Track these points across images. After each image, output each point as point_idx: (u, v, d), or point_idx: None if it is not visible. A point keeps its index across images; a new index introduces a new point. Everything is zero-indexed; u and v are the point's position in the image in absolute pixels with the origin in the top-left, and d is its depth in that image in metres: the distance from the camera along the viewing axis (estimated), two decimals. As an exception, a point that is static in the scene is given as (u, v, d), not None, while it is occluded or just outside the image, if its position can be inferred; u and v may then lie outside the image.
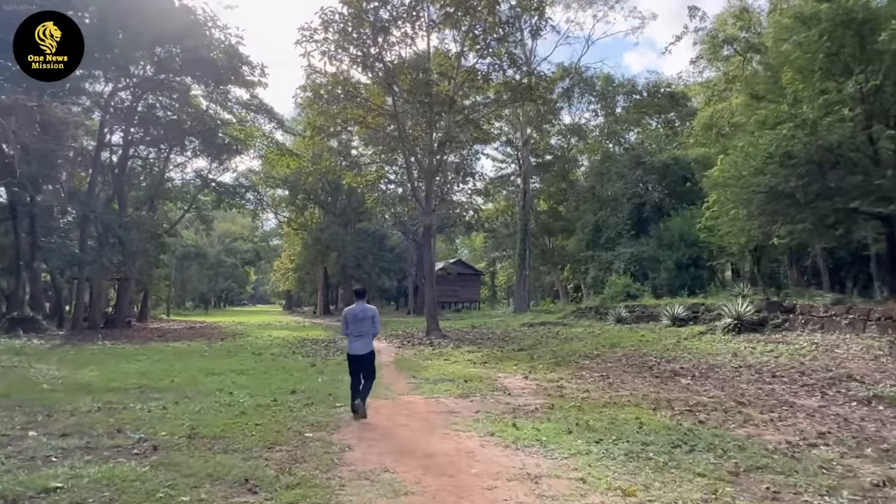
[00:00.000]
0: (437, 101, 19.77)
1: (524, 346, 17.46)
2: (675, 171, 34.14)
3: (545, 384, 10.71)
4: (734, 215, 17.26)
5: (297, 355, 16.83)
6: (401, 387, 10.71)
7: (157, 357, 16.13)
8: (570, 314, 26.65)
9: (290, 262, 61.47)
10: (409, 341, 21.15)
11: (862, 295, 19.52)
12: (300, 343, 21.17)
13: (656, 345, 15.15)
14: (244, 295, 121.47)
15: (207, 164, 37.40)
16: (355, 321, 7.98)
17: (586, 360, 13.70)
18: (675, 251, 30.13)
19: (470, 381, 11.21)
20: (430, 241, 22.57)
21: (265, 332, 27.18)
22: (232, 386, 10.62)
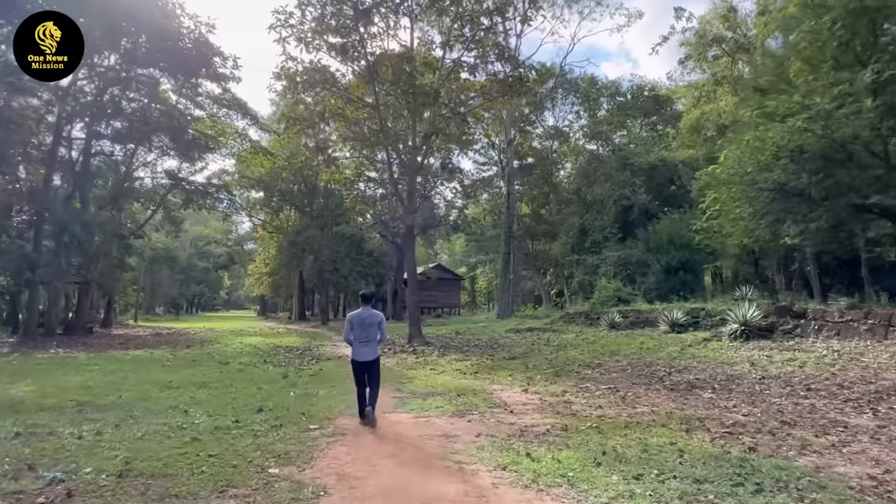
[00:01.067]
0: (422, 93, 18.50)
1: (516, 354, 16.21)
2: (662, 172, 33.37)
3: (549, 398, 9.45)
4: (739, 214, 16.29)
5: (268, 365, 15.35)
6: (385, 402, 9.35)
7: (111, 367, 14.53)
8: (559, 320, 25.50)
9: (265, 266, 59.57)
10: (391, 348, 19.76)
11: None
12: (272, 351, 19.66)
13: (660, 352, 14.01)
14: (218, 300, 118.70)
15: (178, 164, 35.70)
16: (362, 326, 7.63)
17: (588, 370, 12.49)
18: (664, 255, 29.23)
19: (463, 394, 9.91)
20: (412, 242, 21.24)
21: (236, 339, 25.53)
22: (189, 402, 9.16)
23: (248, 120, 33.61)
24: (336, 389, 10.62)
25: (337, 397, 9.71)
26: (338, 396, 9.79)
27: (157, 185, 37.29)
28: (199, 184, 35.23)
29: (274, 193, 44.73)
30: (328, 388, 10.85)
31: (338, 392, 10.29)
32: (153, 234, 54.65)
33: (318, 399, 9.54)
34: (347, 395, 9.53)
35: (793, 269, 31.53)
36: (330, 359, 17.04)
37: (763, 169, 14.70)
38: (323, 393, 10.18)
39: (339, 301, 62.68)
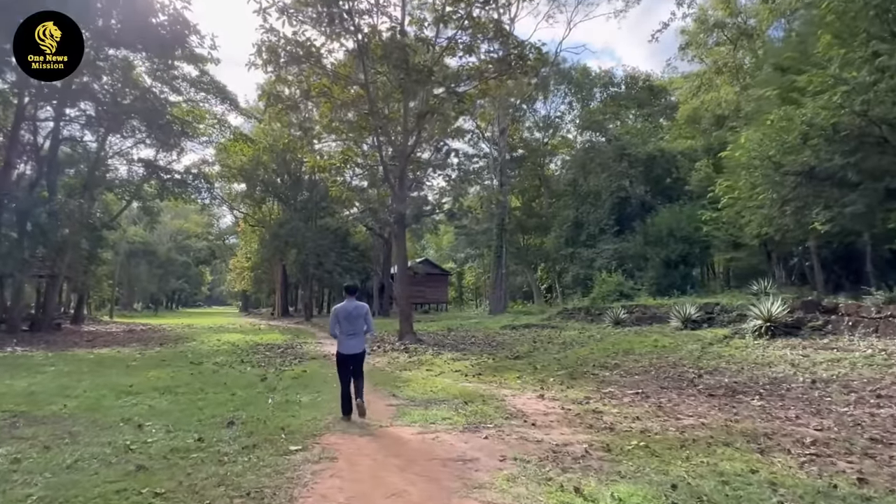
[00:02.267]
0: (415, 70, 17.03)
1: (519, 352, 14.84)
2: (660, 163, 32.22)
3: (571, 406, 8.11)
4: (761, 201, 15.05)
5: (245, 365, 13.84)
6: (380, 411, 7.95)
7: (67, 368, 12.95)
8: (556, 315, 24.21)
9: (247, 260, 57.69)
10: (380, 346, 18.35)
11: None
12: (252, 349, 18.15)
13: (678, 351, 12.75)
14: (199, 296, 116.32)
15: (154, 152, 33.83)
16: (348, 319, 7.46)
17: (604, 371, 11.17)
18: (663, 248, 28.11)
19: (470, 401, 8.53)
20: (402, 231, 19.78)
21: (213, 337, 23.94)
22: (146, 413, 7.69)
23: (227, 105, 31.82)
24: (322, 395, 9.19)
25: (323, 406, 8.28)
26: (324, 405, 8.37)
27: (132, 175, 35.38)
28: (176, 172, 33.39)
29: (256, 184, 42.91)
30: (312, 393, 9.41)
31: (324, 399, 8.86)
32: (130, 228, 52.61)
33: (301, 408, 8.10)
34: (335, 403, 8.13)
35: (792, 264, 30.62)
36: (314, 358, 15.57)
37: (789, 151, 13.49)
38: (306, 400, 8.74)
39: (322, 296, 61.01)
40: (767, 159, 14.09)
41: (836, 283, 24.51)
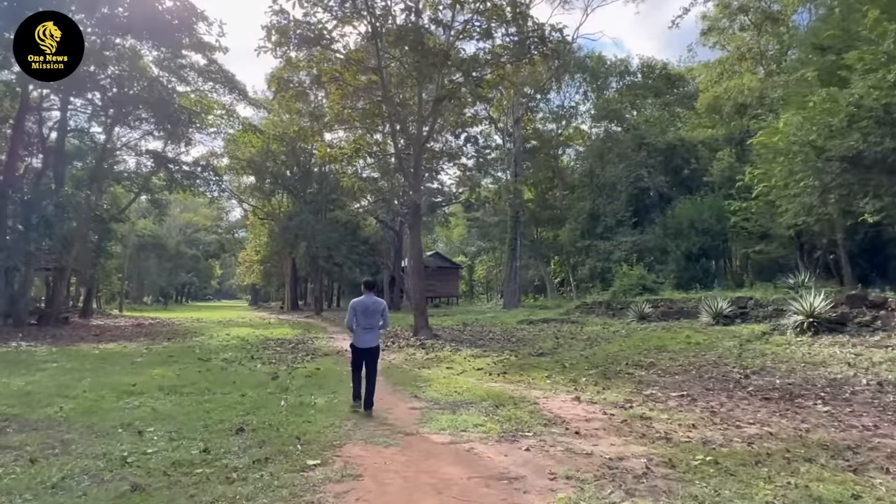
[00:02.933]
0: (431, 53, 16.23)
1: (543, 349, 14.08)
2: (680, 153, 31.26)
3: (614, 411, 7.36)
4: (802, 188, 14.15)
5: (255, 361, 13.19)
6: (403, 416, 7.25)
7: (70, 365, 12.34)
8: (575, 310, 23.43)
9: (256, 253, 57.14)
10: (395, 341, 17.67)
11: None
12: (262, 344, 17.52)
13: (715, 349, 11.96)
14: (209, 290, 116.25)
15: (162, 145, 33.27)
16: (366, 314, 7.49)
17: (641, 371, 10.41)
18: (684, 240, 27.20)
19: (501, 404, 7.81)
20: (417, 222, 19.02)
21: (223, 331, 23.37)
22: (148, 417, 7.03)
23: (235, 95, 31.12)
24: (338, 396, 8.51)
25: (340, 409, 7.60)
26: (341, 408, 7.68)
27: (140, 167, 34.86)
28: (185, 163, 32.81)
29: (265, 176, 42.24)
30: (328, 394, 8.72)
31: (341, 401, 8.18)
32: (140, 221, 52.20)
33: (317, 412, 7.41)
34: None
35: (817, 257, 29.64)
36: (327, 354, 14.92)
37: (833, 135, 12.60)
38: (322, 403, 8.05)
39: (332, 290, 60.46)
40: (808, 144, 13.21)
41: (860, 275, 23.56)
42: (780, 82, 25.72)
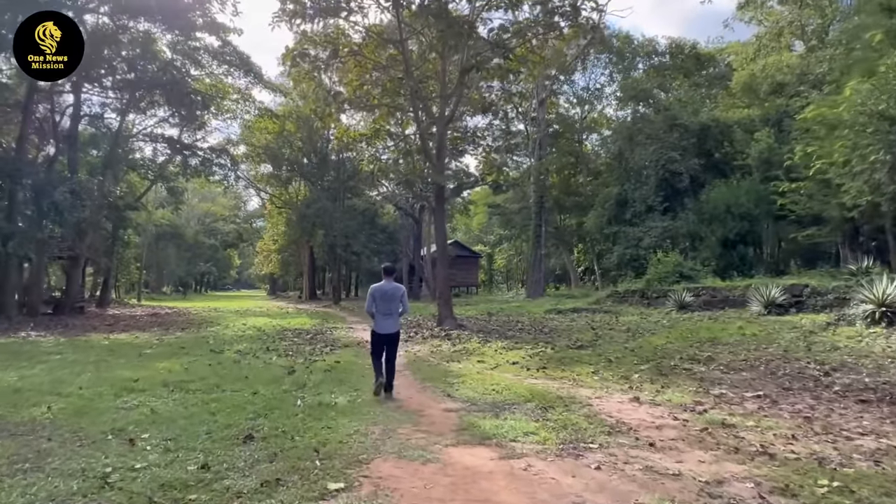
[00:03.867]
0: (456, 23, 15.08)
1: (582, 341, 12.95)
2: (714, 134, 29.74)
3: (685, 416, 6.26)
4: (872, 163, 12.80)
5: (270, 354, 12.27)
6: (438, 420, 6.22)
7: (73, 357, 11.54)
8: (606, 299, 22.28)
9: (273, 242, 56.58)
10: (418, 332, 16.67)
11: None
12: (278, 335, 16.63)
13: (775, 341, 10.77)
14: (228, 280, 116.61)
15: (178, 132, 32.56)
16: (384, 299, 7.44)
17: (699, 366, 9.26)
18: (720, 226, 25.82)
19: (549, 406, 6.74)
20: (442, 206, 17.96)
21: (239, 321, 22.59)
22: (145, 421, 6.09)
23: (251, 78, 30.20)
24: (362, 395, 7.52)
25: (365, 410, 6.60)
26: (365, 409, 6.69)
27: (156, 154, 34.27)
28: (200, 148, 32.11)
29: (282, 163, 41.42)
30: (350, 392, 7.73)
31: (365, 400, 7.19)
32: (158, 211, 51.82)
33: (338, 414, 6.40)
34: (378, 407, 6.50)
35: (860, 242, 28.07)
36: (347, 345, 13.97)
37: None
38: (343, 403, 7.04)
39: (350, 280, 59.75)
40: (878, 114, 11.89)
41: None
42: (826, 56, 24.17)
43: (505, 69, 15.90)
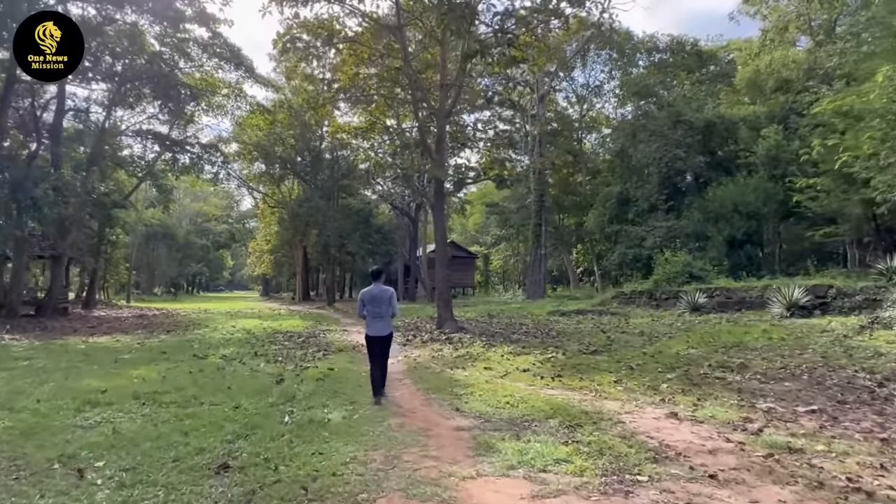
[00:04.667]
0: (457, 6, 14.17)
1: (595, 345, 12.04)
2: (719, 131, 28.97)
3: (738, 436, 5.36)
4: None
5: (259, 359, 11.31)
6: (449, 442, 5.29)
7: (43, 363, 10.57)
8: (611, 300, 21.42)
9: (266, 242, 55.50)
10: (417, 335, 15.75)
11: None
12: (268, 338, 15.66)
13: (809, 346, 9.91)
14: (220, 281, 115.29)
15: (167, 129, 31.51)
16: (373, 302, 7.40)
17: (733, 375, 8.37)
18: (726, 225, 25.04)
19: (576, 423, 5.83)
20: (441, 201, 17.07)
21: (228, 323, 21.60)
22: (103, 444, 5.15)
23: (242, 71, 29.17)
24: (359, 410, 6.61)
25: (363, 429, 5.68)
26: (364, 427, 5.77)
27: (146, 151, 33.23)
28: (189, 144, 31.14)
29: (274, 161, 40.38)
30: (345, 406, 6.80)
31: (363, 416, 6.28)
32: (148, 210, 50.65)
33: (332, 435, 5.47)
34: (379, 425, 5.60)
35: (866, 242, 27.36)
36: (341, 350, 13.02)
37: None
38: (338, 420, 6.10)
39: (344, 281, 58.75)
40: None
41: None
42: (836, 50, 23.44)
43: (509, 57, 14.99)
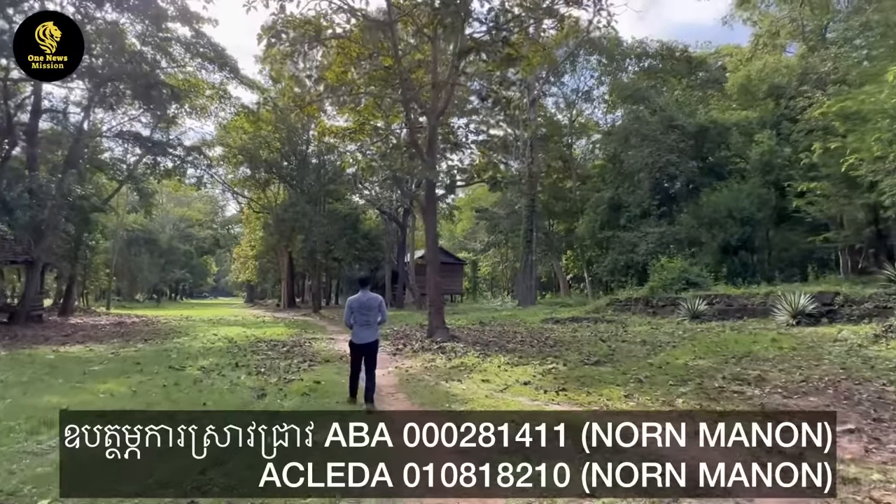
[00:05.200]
0: (448, 2, 13.59)
1: (596, 355, 11.43)
2: (712, 136, 28.68)
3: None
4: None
5: (240, 371, 10.58)
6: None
7: (3, 376, 9.75)
8: (606, 307, 20.89)
9: (251, 248, 54.51)
10: (407, 343, 15.08)
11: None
12: (251, 347, 14.92)
13: (824, 357, 9.39)
14: (205, 287, 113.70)
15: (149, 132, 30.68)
16: (361, 310, 7.30)
17: (752, 389, 7.77)
18: (720, 231, 24.66)
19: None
20: (433, 204, 16.47)
21: (210, 331, 20.79)
22: (52, 474, 4.42)
23: (226, 72, 28.40)
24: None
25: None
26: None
27: (126, 154, 32.33)
28: (171, 146, 30.32)
29: (259, 165, 39.51)
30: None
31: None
32: (130, 215, 49.50)
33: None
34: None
35: (857, 248, 27.13)
36: (328, 360, 12.32)
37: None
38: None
39: (331, 287, 57.83)
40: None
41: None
42: (830, 55, 23.25)
43: (504, 55, 14.41)
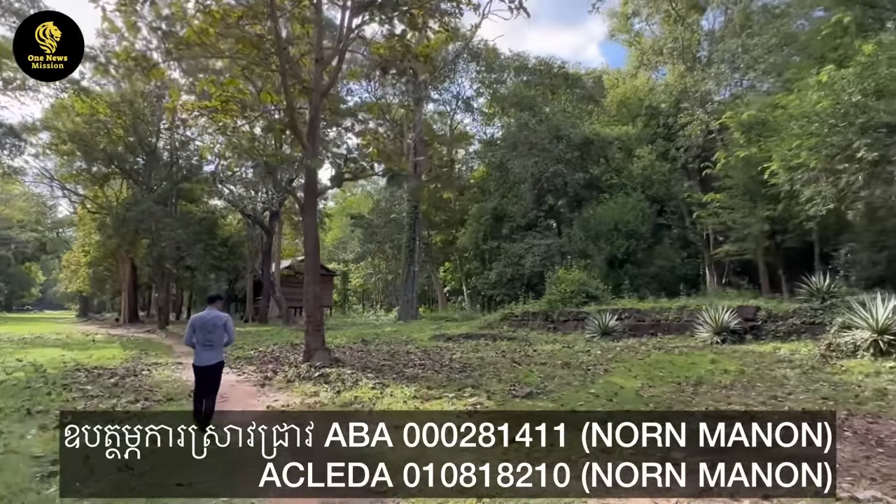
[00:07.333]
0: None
1: (523, 383, 9.43)
2: (596, 149, 28.63)
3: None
4: (836, 162, 10.82)
5: (33, 420, 7.24)
6: None
7: None
8: (501, 322, 19.30)
9: (84, 254, 47.07)
10: (278, 370, 12.17)
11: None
12: (67, 378, 11.17)
13: (779, 380, 8.18)
14: (28, 299, 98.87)
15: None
16: (204, 329, 6.71)
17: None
18: (606, 244, 24.32)
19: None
20: (313, 198, 13.72)
21: (14, 355, 16.12)
22: None
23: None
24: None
25: None
26: None
27: None
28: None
29: (96, 156, 33.65)
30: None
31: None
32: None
33: None
34: None
35: (724, 263, 28.30)
36: (171, 398, 9.19)
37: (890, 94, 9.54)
38: None
39: (182, 300, 51.74)
40: (854, 107, 10.10)
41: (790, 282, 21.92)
42: (711, 73, 23.90)
43: (408, 20, 12.23)
